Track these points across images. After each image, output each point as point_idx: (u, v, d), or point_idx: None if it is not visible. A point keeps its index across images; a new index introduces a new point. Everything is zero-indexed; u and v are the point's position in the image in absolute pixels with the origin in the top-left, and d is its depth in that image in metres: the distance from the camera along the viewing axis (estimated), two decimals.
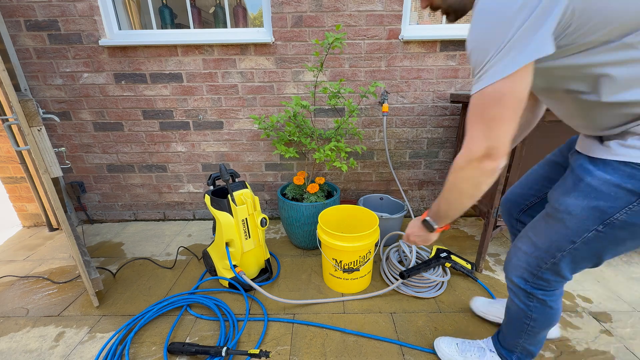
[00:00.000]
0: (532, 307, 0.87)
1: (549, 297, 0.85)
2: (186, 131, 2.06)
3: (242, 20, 2.04)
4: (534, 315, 0.88)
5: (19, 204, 2.15)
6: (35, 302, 1.47)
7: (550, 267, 0.79)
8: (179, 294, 1.47)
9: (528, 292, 0.86)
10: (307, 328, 1.29)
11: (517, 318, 0.93)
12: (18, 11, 1.76)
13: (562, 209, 0.73)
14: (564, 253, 0.76)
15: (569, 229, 0.73)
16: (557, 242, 0.76)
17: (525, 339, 0.94)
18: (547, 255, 0.78)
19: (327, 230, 1.41)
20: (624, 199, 0.64)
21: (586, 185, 0.69)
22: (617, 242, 0.69)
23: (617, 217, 0.66)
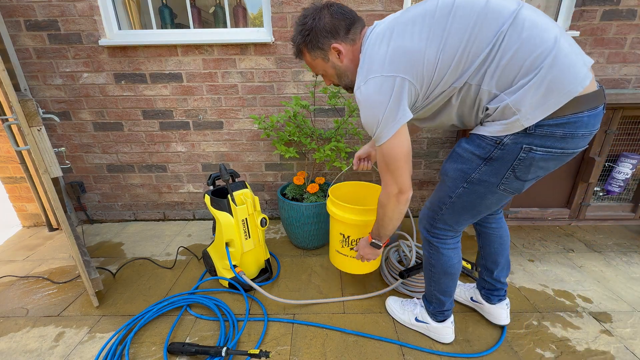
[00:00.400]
0: (432, 254, 1.09)
1: (442, 244, 1.06)
2: (186, 131, 2.06)
3: (242, 20, 2.04)
4: (433, 261, 1.10)
5: (19, 204, 2.15)
6: (35, 302, 1.46)
7: (439, 218, 1.02)
8: (179, 294, 1.47)
9: (428, 240, 1.08)
10: (307, 328, 1.29)
11: (425, 266, 1.15)
12: (18, 11, 1.76)
13: (443, 172, 0.98)
14: (446, 206, 0.99)
15: (447, 187, 0.96)
16: (442, 198, 0.99)
17: (433, 285, 1.14)
18: (437, 208, 1.02)
19: (335, 201, 1.37)
20: (475, 162, 0.87)
21: (455, 153, 0.93)
22: (480, 195, 0.91)
23: (473, 176, 0.89)
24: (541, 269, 1.67)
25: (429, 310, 1.21)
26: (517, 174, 0.83)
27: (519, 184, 0.86)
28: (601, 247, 1.87)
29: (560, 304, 1.42)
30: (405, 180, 0.91)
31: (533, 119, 0.76)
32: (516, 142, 0.79)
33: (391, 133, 0.84)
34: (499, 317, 1.27)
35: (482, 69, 0.77)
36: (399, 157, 0.88)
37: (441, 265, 1.08)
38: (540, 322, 1.31)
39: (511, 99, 0.76)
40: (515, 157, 0.81)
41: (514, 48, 0.74)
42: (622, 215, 1.52)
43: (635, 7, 1.76)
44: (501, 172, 0.84)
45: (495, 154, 0.83)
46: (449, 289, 1.13)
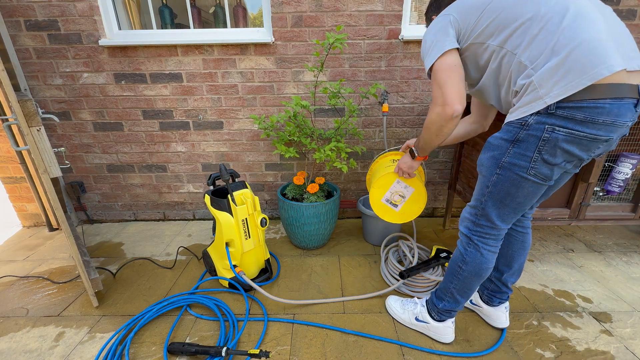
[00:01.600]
0: (468, 251, 1.06)
1: (484, 244, 1.04)
2: (186, 131, 2.06)
3: (242, 20, 2.04)
4: (468, 259, 1.06)
5: (19, 204, 2.15)
6: (35, 302, 1.46)
7: (482, 214, 1.01)
8: (179, 294, 1.47)
9: (469, 237, 1.06)
10: (307, 328, 1.29)
11: (454, 262, 1.11)
12: (18, 11, 1.76)
13: (479, 165, 1.00)
14: (485, 197, 0.99)
15: (484, 177, 0.98)
16: (481, 190, 1.00)
17: (456, 283, 1.11)
18: (479, 203, 1.01)
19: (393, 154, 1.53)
20: (504, 146, 0.90)
21: (488, 143, 0.96)
22: (514, 182, 0.91)
23: (504, 160, 0.91)
24: (541, 269, 1.67)
25: (437, 308, 1.19)
26: (544, 157, 0.84)
27: (547, 169, 0.86)
28: (601, 247, 1.87)
29: (560, 304, 1.42)
30: (451, 93, 0.92)
31: (554, 97, 0.78)
32: (539, 122, 0.82)
33: (438, 54, 0.93)
34: (498, 319, 1.27)
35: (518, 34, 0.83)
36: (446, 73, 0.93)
37: (476, 265, 1.05)
38: (540, 322, 1.31)
39: (536, 75, 0.80)
40: (540, 138, 0.83)
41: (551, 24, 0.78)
42: (622, 215, 1.52)
43: (635, 7, 1.76)
44: (528, 153, 0.86)
45: (521, 135, 0.85)
46: (470, 291, 1.11)
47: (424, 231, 2.09)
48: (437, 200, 2.27)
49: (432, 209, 2.30)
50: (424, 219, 2.28)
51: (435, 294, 1.21)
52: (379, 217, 1.78)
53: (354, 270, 1.67)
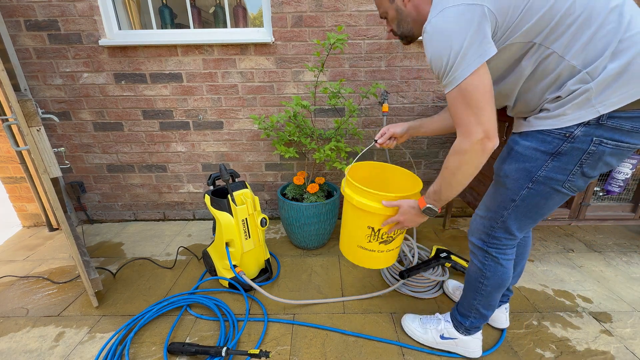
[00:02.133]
0: (487, 265, 0.99)
1: (502, 254, 0.97)
2: (186, 131, 2.06)
3: (242, 20, 2.04)
4: (488, 274, 1.00)
5: (19, 204, 2.15)
6: (35, 302, 1.46)
7: (501, 226, 0.93)
8: (179, 294, 1.47)
9: (485, 251, 0.98)
10: (307, 328, 1.29)
11: (474, 279, 1.04)
12: (18, 11, 1.76)
13: (502, 174, 0.90)
14: (509, 211, 0.90)
15: (509, 190, 0.88)
16: (503, 202, 0.91)
17: (479, 300, 1.04)
18: (497, 215, 0.93)
19: (361, 188, 1.09)
20: (541, 158, 0.81)
21: (515, 152, 0.86)
22: (546, 195, 0.84)
23: (539, 174, 0.82)
24: (541, 269, 1.67)
25: (463, 326, 1.11)
26: (584, 170, 0.78)
27: (583, 181, 0.81)
28: (601, 247, 1.87)
29: (560, 304, 1.42)
30: (491, 120, 0.76)
31: (609, 106, 0.70)
32: (587, 134, 0.74)
33: (473, 68, 0.72)
34: (499, 320, 1.26)
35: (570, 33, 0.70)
36: (485, 95, 0.74)
37: (498, 278, 0.99)
38: (540, 322, 1.31)
39: (595, 82, 0.70)
40: (585, 151, 0.75)
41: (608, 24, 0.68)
42: (622, 215, 1.52)
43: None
44: (569, 167, 0.78)
45: (564, 148, 0.76)
46: (495, 302, 1.05)
47: (424, 231, 2.09)
48: None
49: None
50: None
51: (458, 312, 1.13)
52: None
53: (354, 270, 1.67)
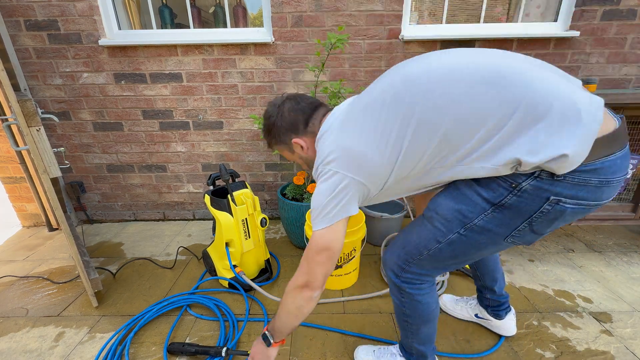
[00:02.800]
0: (404, 302, 0.91)
1: (417, 291, 0.88)
2: (186, 131, 2.06)
3: (242, 20, 2.04)
4: (408, 311, 0.92)
5: (19, 204, 2.15)
6: (35, 302, 1.46)
7: (416, 262, 0.85)
8: (179, 294, 1.47)
9: (399, 287, 0.90)
10: (307, 328, 1.29)
11: (398, 315, 0.97)
12: (18, 11, 1.76)
13: (431, 208, 0.80)
14: (429, 251, 0.81)
15: (436, 229, 0.78)
16: (425, 240, 0.81)
17: (412, 338, 0.97)
18: (416, 251, 0.83)
19: None
20: (481, 205, 0.70)
21: (457, 189, 0.75)
22: (479, 246, 0.76)
23: (475, 222, 0.72)
24: (541, 269, 1.67)
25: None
26: (534, 227, 0.69)
27: (532, 237, 0.72)
28: (601, 247, 1.86)
29: (560, 304, 1.42)
30: (319, 277, 0.80)
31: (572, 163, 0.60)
32: (539, 189, 0.64)
33: (324, 224, 0.77)
34: (509, 329, 1.22)
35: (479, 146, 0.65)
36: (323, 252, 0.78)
37: (419, 315, 0.91)
38: (540, 322, 1.31)
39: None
40: (537, 210, 0.66)
41: None
42: (622, 215, 1.52)
43: (635, 7, 1.76)
44: (514, 223, 0.69)
45: (508, 201, 0.67)
46: (430, 337, 0.98)
47: None
48: None
49: None
50: None
51: (403, 347, 1.05)
52: (379, 217, 1.78)
53: None
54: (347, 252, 1.43)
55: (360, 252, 1.54)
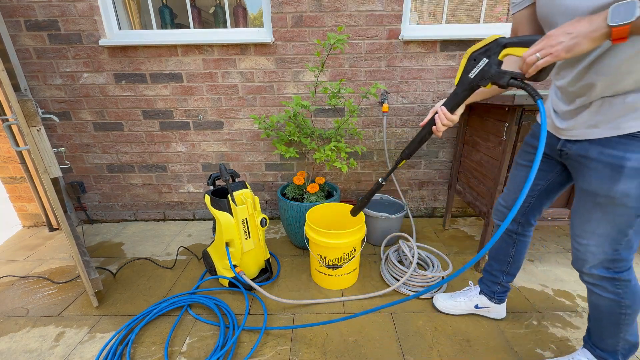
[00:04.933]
0: (621, 293, 0.89)
1: (630, 274, 0.88)
2: (186, 131, 2.06)
3: (242, 20, 2.04)
4: (627, 302, 0.89)
5: (19, 204, 2.15)
6: (35, 302, 1.46)
7: (625, 246, 0.83)
8: (180, 294, 1.47)
9: (614, 279, 0.88)
10: (307, 328, 1.29)
11: (612, 313, 0.92)
12: (18, 11, 1.76)
13: (619, 196, 0.78)
14: (633, 229, 0.81)
15: (631, 207, 0.78)
16: (626, 222, 0.80)
17: (626, 330, 0.93)
18: (620, 237, 0.82)
19: (312, 227, 1.45)
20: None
21: (629, 169, 0.74)
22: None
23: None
24: (541, 269, 1.67)
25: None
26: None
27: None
28: None
29: (560, 303, 1.42)
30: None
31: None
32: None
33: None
34: (502, 312, 1.33)
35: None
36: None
37: (638, 299, 0.89)
38: (540, 322, 1.31)
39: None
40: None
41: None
42: None
43: None
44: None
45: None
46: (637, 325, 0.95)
47: (424, 231, 2.09)
48: (437, 200, 2.27)
49: (432, 208, 2.30)
50: (423, 218, 2.28)
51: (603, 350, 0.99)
52: (379, 217, 1.78)
53: None
54: (347, 252, 1.43)
55: (360, 252, 1.54)
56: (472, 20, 1.94)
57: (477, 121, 1.69)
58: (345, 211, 1.67)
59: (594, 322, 0.99)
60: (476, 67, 0.81)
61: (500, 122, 1.43)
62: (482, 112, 1.63)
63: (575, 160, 0.86)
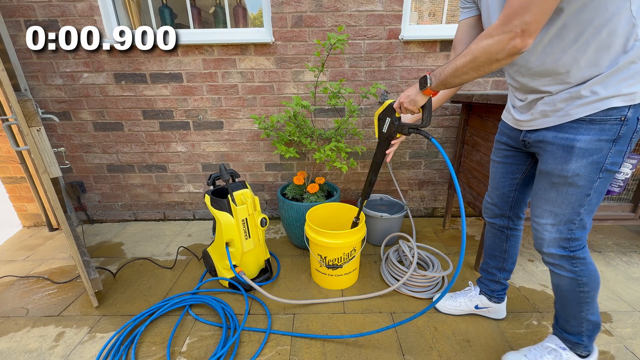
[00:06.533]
0: (578, 271, 0.93)
1: (585, 253, 0.92)
2: (186, 131, 2.06)
3: (242, 20, 2.04)
4: (584, 279, 0.93)
5: (19, 204, 2.15)
6: (35, 302, 1.46)
7: (578, 225, 0.89)
8: (183, 293, 1.47)
9: (571, 257, 0.92)
10: (307, 328, 1.29)
11: (571, 291, 0.96)
12: (18, 11, 1.76)
13: (570, 175, 0.85)
14: (584, 207, 0.87)
15: (582, 187, 0.85)
16: (578, 201, 0.87)
17: (587, 309, 0.96)
18: (573, 216, 0.88)
19: (313, 227, 1.46)
20: (606, 147, 0.80)
21: (578, 149, 0.82)
22: (608, 180, 0.85)
23: (607, 162, 0.81)
24: (541, 269, 1.67)
25: (581, 345, 1.01)
26: (630, 148, 0.81)
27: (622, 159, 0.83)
28: (601, 247, 1.87)
29: None
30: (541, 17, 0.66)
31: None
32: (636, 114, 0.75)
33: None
34: (503, 312, 1.33)
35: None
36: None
37: (595, 277, 0.93)
38: (540, 322, 1.31)
39: None
40: (634, 130, 0.78)
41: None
42: (621, 215, 1.52)
43: None
44: (623, 149, 0.80)
45: (622, 131, 0.78)
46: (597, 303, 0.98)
47: (424, 231, 2.09)
48: (437, 200, 2.27)
49: (432, 208, 2.30)
50: (423, 218, 2.28)
51: (569, 332, 1.02)
52: (379, 217, 1.78)
53: None
54: (347, 252, 1.43)
55: (360, 252, 1.54)
56: None
57: (477, 121, 1.69)
58: (346, 211, 1.67)
59: (558, 306, 1.04)
60: (385, 125, 1.11)
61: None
62: (482, 112, 1.63)
63: (536, 146, 0.93)
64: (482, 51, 0.74)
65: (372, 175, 1.28)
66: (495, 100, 1.36)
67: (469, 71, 0.79)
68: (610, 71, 0.73)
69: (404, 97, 0.99)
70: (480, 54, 0.75)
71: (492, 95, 1.37)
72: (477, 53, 0.75)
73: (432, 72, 0.90)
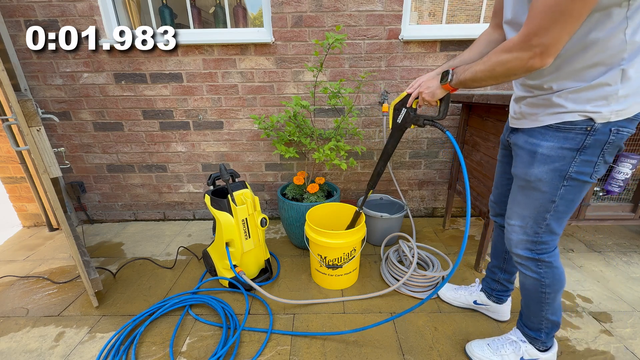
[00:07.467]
0: (542, 273, 0.96)
1: (552, 257, 0.95)
2: (186, 131, 2.06)
3: (242, 20, 2.04)
4: (547, 281, 0.96)
5: (19, 204, 2.15)
6: (35, 302, 1.46)
7: (545, 230, 0.91)
8: (181, 293, 1.47)
9: (536, 260, 0.95)
10: (307, 328, 1.29)
11: (534, 290, 1.00)
12: (18, 11, 1.76)
13: (533, 179, 0.87)
14: (550, 212, 0.89)
15: (546, 192, 0.87)
16: (543, 206, 0.89)
17: (547, 309, 1.00)
18: (539, 220, 0.91)
19: (313, 227, 1.46)
20: (569, 156, 0.81)
21: (540, 155, 0.84)
22: (579, 189, 0.85)
23: (571, 171, 0.82)
24: None
25: (539, 340, 1.05)
26: (605, 158, 0.80)
27: (604, 168, 0.82)
28: (601, 247, 1.87)
29: None
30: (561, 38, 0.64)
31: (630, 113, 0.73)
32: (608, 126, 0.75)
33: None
34: (505, 313, 1.32)
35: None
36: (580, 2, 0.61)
37: (558, 280, 0.96)
38: None
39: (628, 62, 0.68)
40: (606, 141, 0.77)
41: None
42: (621, 215, 1.52)
43: None
44: (593, 159, 0.79)
45: (587, 142, 0.77)
46: (560, 304, 1.02)
47: (424, 231, 2.09)
48: (437, 200, 2.27)
49: (432, 209, 2.30)
50: (423, 218, 2.28)
51: (528, 327, 1.07)
52: (379, 217, 1.78)
53: None
54: (347, 252, 1.43)
55: (360, 252, 1.54)
56: (472, 20, 1.94)
57: (477, 121, 1.69)
58: (346, 211, 1.67)
59: (523, 302, 1.07)
60: (400, 115, 1.13)
61: (500, 122, 1.43)
62: (482, 112, 1.63)
63: (512, 148, 0.96)
64: (500, 65, 0.75)
65: (381, 165, 1.29)
66: (495, 101, 1.36)
67: (487, 79, 0.81)
68: (584, 86, 0.74)
69: (423, 87, 0.99)
70: (498, 67, 0.76)
71: (492, 95, 1.37)
72: (495, 66, 0.76)
73: (456, 69, 0.91)
